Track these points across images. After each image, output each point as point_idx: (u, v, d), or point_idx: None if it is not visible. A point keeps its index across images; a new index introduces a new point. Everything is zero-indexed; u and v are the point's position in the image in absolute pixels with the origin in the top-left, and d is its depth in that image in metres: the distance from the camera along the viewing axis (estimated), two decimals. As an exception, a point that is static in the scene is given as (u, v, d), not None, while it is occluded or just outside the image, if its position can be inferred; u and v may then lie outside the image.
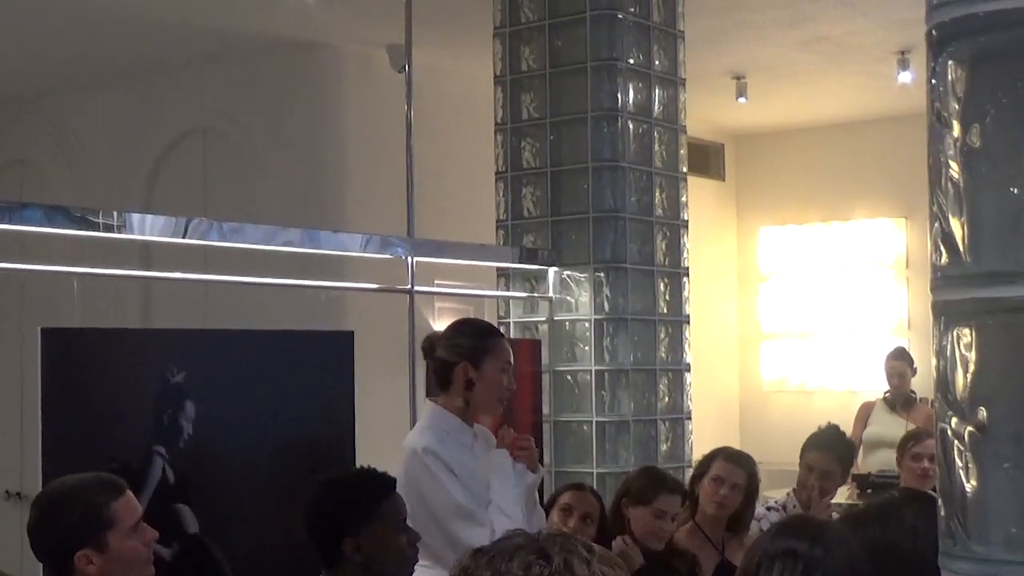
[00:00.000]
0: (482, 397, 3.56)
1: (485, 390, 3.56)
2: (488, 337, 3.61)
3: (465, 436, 3.58)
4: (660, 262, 5.49)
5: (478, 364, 3.54)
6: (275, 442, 3.97)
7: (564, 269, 5.37)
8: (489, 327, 3.73)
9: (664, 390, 5.45)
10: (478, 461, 3.58)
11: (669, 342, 5.49)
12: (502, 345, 3.60)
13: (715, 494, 4.19)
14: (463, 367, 3.53)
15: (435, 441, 3.50)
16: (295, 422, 4.04)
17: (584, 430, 5.26)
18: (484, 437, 3.69)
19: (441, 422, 3.56)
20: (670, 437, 5.43)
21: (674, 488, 4.02)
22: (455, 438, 3.54)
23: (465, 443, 3.57)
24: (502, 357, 3.58)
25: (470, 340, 3.57)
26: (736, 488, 4.21)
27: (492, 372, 3.55)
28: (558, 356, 5.35)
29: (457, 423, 3.57)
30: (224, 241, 4.20)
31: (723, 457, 4.30)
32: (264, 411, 3.96)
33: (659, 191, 5.50)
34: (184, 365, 3.74)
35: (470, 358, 3.54)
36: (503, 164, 5.55)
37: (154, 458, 3.66)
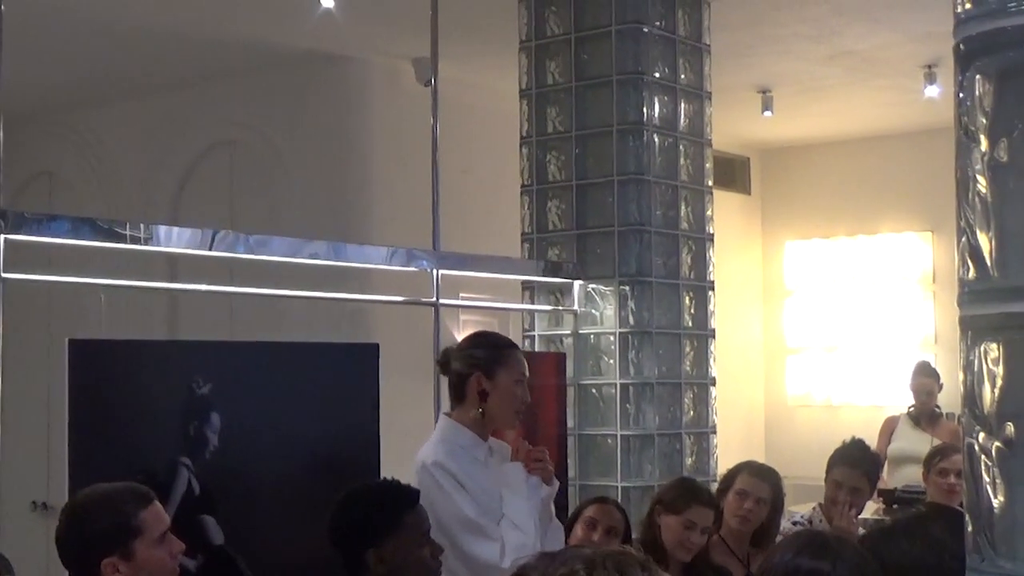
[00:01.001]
0: (497, 409, 3.55)
1: (499, 402, 3.55)
2: (502, 349, 3.60)
3: (479, 450, 3.56)
4: (685, 275, 5.48)
5: (492, 375, 3.54)
6: (300, 454, 3.98)
7: (589, 282, 5.37)
8: (504, 339, 3.72)
9: (689, 404, 5.44)
10: (492, 475, 3.55)
11: (694, 356, 5.48)
12: (516, 357, 3.60)
13: (739, 508, 4.19)
14: (476, 378, 3.53)
15: (445, 455, 3.49)
16: (320, 434, 4.05)
17: (609, 443, 5.26)
18: (500, 452, 3.67)
19: (453, 436, 3.55)
20: (695, 451, 5.42)
21: (707, 501, 4.00)
22: (468, 452, 3.53)
23: (478, 457, 3.55)
24: (516, 369, 3.57)
25: (484, 351, 3.57)
26: (761, 502, 4.21)
27: (506, 383, 3.55)
28: (583, 369, 5.35)
29: (470, 437, 3.55)
30: (250, 253, 4.22)
31: (748, 471, 4.31)
32: (289, 423, 3.97)
33: (684, 204, 5.50)
34: (210, 377, 3.76)
35: (484, 369, 3.54)
36: (528, 177, 5.56)
37: (180, 469, 3.68)
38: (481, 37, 6.29)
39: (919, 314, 9.17)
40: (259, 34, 6.55)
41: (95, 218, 3.83)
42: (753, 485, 4.24)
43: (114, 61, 6.97)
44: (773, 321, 9.81)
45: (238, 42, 6.65)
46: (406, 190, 6.51)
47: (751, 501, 4.20)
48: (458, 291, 5.96)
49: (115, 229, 3.81)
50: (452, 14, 5.26)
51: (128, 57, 6.89)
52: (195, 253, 4.11)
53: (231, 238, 4.17)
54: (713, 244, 5.62)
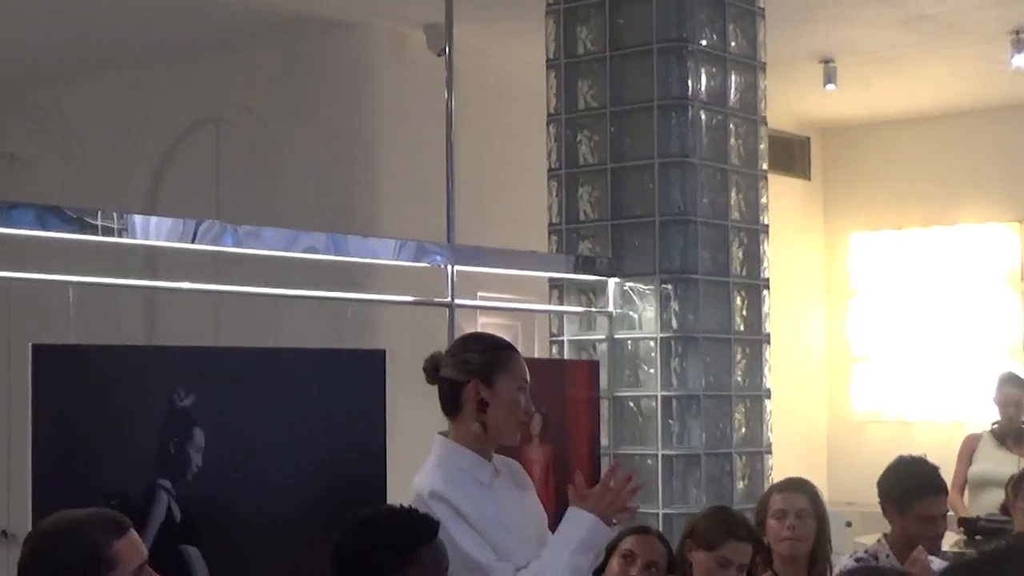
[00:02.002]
0: (499, 420, 3.53)
1: (501, 412, 3.53)
2: (500, 351, 3.59)
3: (482, 471, 3.54)
4: (736, 272, 5.47)
5: (491, 382, 3.52)
6: (297, 475, 3.98)
7: (626, 280, 5.36)
8: (500, 340, 3.70)
9: (740, 419, 5.43)
10: (500, 501, 3.54)
11: (746, 364, 5.47)
12: (517, 360, 3.59)
13: (782, 530, 4.21)
14: (474, 386, 3.52)
15: (444, 482, 3.47)
16: (319, 452, 4.05)
17: (648, 465, 5.25)
18: (510, 472, 3.66)
19: (452, 458, 3.54)
20: (747, 474, 5.41)
21: (745, 535, 3.98)
22: (469, 475, 3.51)
23: (482, 480, 3.53)
24: (518, 374, 3.56)
25: (480, 355, 3.56)
26: (802, 515, 4.25)
27: (507, 390, 3.53)
28: (619, 379, 5.34)
29: (471, 457, 3.54)
30: (239, 247, 4.23)
31: (778, 489, 4.38)
32: (284, 440, 3.97)
33: (735, 191, 5.49)
34: (193, 387, 3.76)
35: (481, 375, 3.53)
36: (556, 160, 5.55)
37: (158, 493, 3.68)
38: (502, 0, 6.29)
39: (1005, 316, 9.13)
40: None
41: (62, 206, 3.83)
42: (788, 500, 4.27)
43: (84, 30, 6.99)
44: (837, 324, 9.79)
45: (224, 6, 6.66)
46: (416, 175, 6.52)
47: (792, 517, 4.23)
48: (476, 290, 5.97)
49: (85, 219, 3.82)
50: (469, -27, 5.28)
51: (100, 26, 6.91)
52: (176, 246, 4.11)
53: (217, 229, 4.18)
54: (768, 236, 5.61)
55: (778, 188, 6.57)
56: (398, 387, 4.39)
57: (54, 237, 3.80)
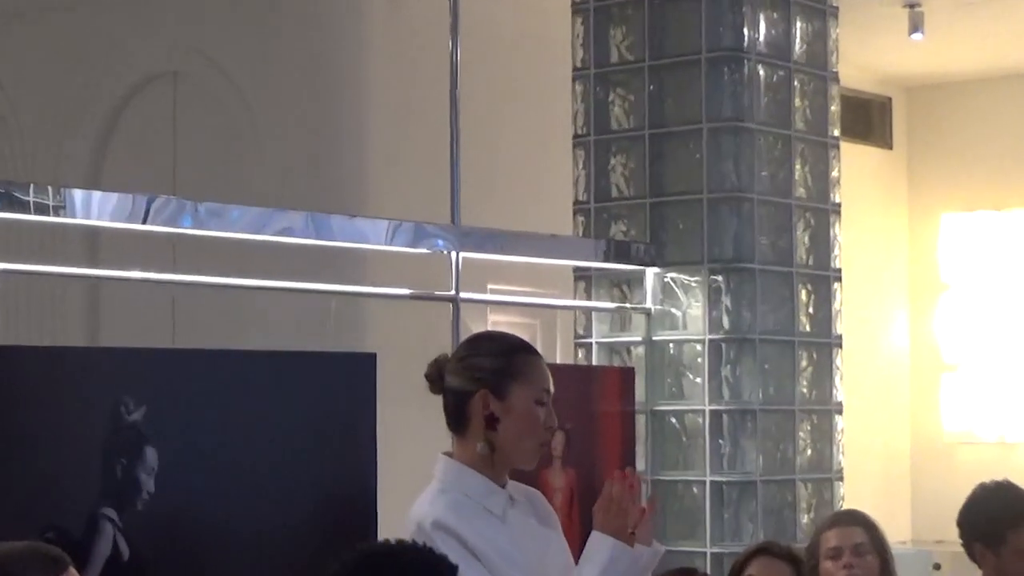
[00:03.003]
0: (510, 439, 3.50)
1: (514, 429, 3.49)
2: (516, 355, 3.57)
3: (493, 500, 3.53)
4: (802, 261, 5.48)
5: (502, 392, 3.49)
6: (271, 502, 3.98)
7: (668, 270, 5.37)
8: (518, 342, 3.67)
9: (806, 439, 5.44)
10: (514, 535, 3.53)
11: (813, 372, 5.48)
12: (537, 365, 3.55)
13: (838, 571, 4.23)
14: (482, 397, 3.49)
15: (448, 511, 3.45)
16: (298, 474, 4.06)
17: (694, 493, 5.26)
18: (530, 503, 3.65)
19: (457, 482, 3.53)
20: (814, 504, 5.41)
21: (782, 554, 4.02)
22: (478, 503, 3.50)
23: (493, 509, 3.52)
24: (537, 383, 3.53)
25: (490, 360, 3.53)
26: (861, 549, 4.27)
27: (522, 403, 3.50)
28: (659, 390, 5.35)
29: (480, 482, 3.52)
30: (200, 228, 4.24)
31: (828, 524, 4.40)
32: (255, 460, 3.98)
33: (801, 163, 5.49)
34: (144, 398, 3.76)
35: (491, 384, 3.50)
36: (584, 125, 5.55)
37: (102, 525, 3.69)
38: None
39: None
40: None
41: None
42: (841, 536, 4.29)
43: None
44: (923, 325, 9.78)
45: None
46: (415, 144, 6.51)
47: (849, 554, 4.25)
48: (486, 282, 5.97)
49: (15, 194, 3.82)
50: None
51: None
52: (124, 227, 4.12)
53: (173, 207, 4.18)
54: (840, 217, 5.61)
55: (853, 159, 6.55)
56: (391, 397, 4.39)
57: (-23, 216, 3.81)
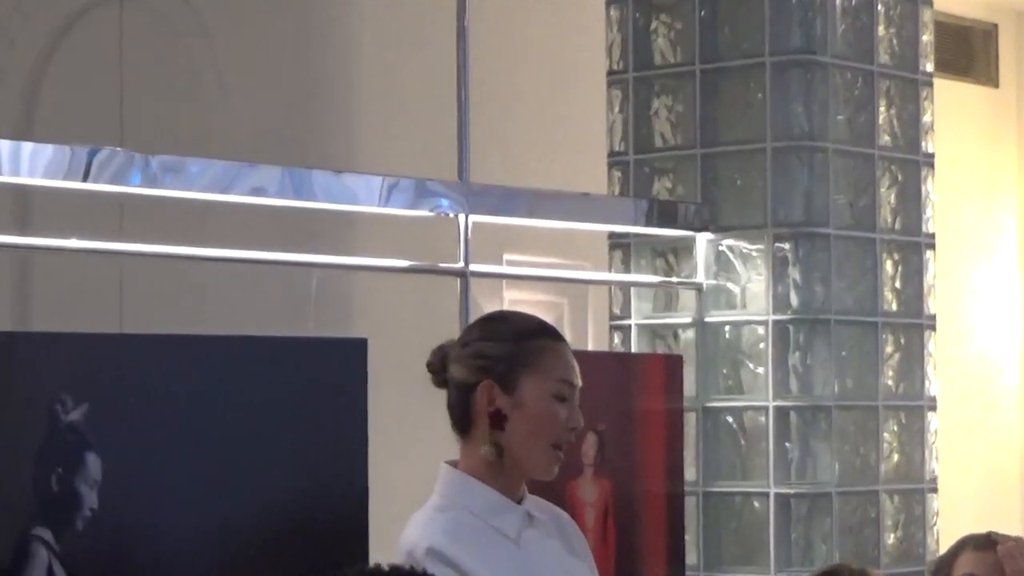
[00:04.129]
0: (521, 442, 3.50)
1: (524, 429, 3.49)
2: (531, 338, 3.56)
3: (506, 518, 3.53)
4: (886, 225, 5.49)
5: (511, 384, 3.50)
6: (239, 517, 4.01)
7: (723, 236, 5.39)
8: (535, 323, 3.67)
9: (892, 442, 5.46)
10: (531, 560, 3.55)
11: (901, 360, 5.50)
12: (556, 352, 3.53)
13: None
14: (486, 389, 3.51)
15: (444, 535, 3.45)
16: (273, 483, 4.08)
17: (756, 508, 5.28)
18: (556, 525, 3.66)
19: (461, 497, 3.54)
20: (901, 521, 5.43)
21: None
22: (485, 523, 3.51)
23: (505, 530, 3.54)
24: (554, 372, 3.51)
25: (498, 345, 3.54)
26: None
27: (536, 398, 3.49)
28: (712, 383, 5.37)
29: (489, 497, 3.53)
30: (152, 186, 4.25)
31: (971, 548, 4.31)
32: (220, 467, 4.00)
33: (885, 104, 5.51)
34: (85, 394, 3.78)
35: (497, 374, 3.52)
36: (620, 59, 5.57)
37: (34, 549, 3.70)
38: None
39: None
40: None
41: None
42: (983, 564, 4.24)
43: None
44: (1039, 303, 9.77)
45: None
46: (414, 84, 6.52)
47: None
48: (501, 252, 5.99)
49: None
50: None
51: None
52: (61, 186, 4.14)
53: (121, 161, 4.19)
54: (934, 171, 5.62)
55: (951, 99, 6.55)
56: (385, 390, 4.42)
57: None
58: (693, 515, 5.31)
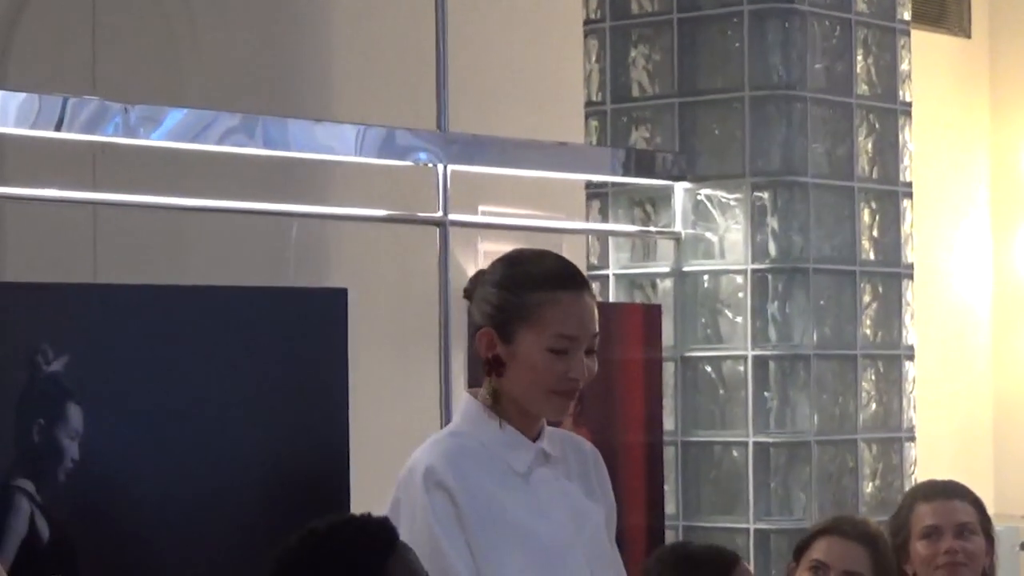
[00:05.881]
0: (519, 389, 3.51)
1: (519, 379, 3.50)
2: (535, 289, 3.54)
3: (518, 454, 3.54)
4: (864, 173, 5.51)
5: (508, 335, 3.50)
6: (220, 468, 4.01)
7: (700, 186, 5.39)
8: (545, 273, 3.64)
9: (870, 391, 5.47)
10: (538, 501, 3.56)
11: (879, 309, 5.51)
12: (561, 303, 3.53)
13: (935, 554, 4.26)
14: (484, 336, 3.51)
15: (446, 457, 3.46)
16: (254, 433, 4.09)
17: (735, 457, 5.30)
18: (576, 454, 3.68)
19: (477, 426, 3.55)
20: (880, 470, 5.45)
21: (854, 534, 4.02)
22: (496, 456, 3.53)
23: (515, 466, 3.54)
24: (552, 326, 3.50)
25: (501, 293, 3.53)
26: (968, 531, 4.29)
27: (530, 351, 3.48)
28: (691, 333, 5.38)
29: (505, 431, 3.54)
30: (128, 136, 4.25)
31: (924, 497, 4.39)
32: (201, 418, 4.00)
33: (863, 52, 5.51)
34: (65, 344, 3.78)
35: (497, 323, 3.52)
36: (597, 8, 5.57)
37: (16, 500, 3.71)
38: None
39: None
40: None
41: None
42: (941, 512, 4.30)
43: None
44: (1008, 252, 9.78)
45: None
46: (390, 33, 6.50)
47: (950, 536, 4.27)
48: (477, 202, 5.97)
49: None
50: None
51: None
52: (34, 134, 4.12)
53: (94, 109, 4.19)
54: (911, 120, 5.62)
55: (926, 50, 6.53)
56: (366, 340, 4.41)
57: None
58: (672, 464, 5.33)
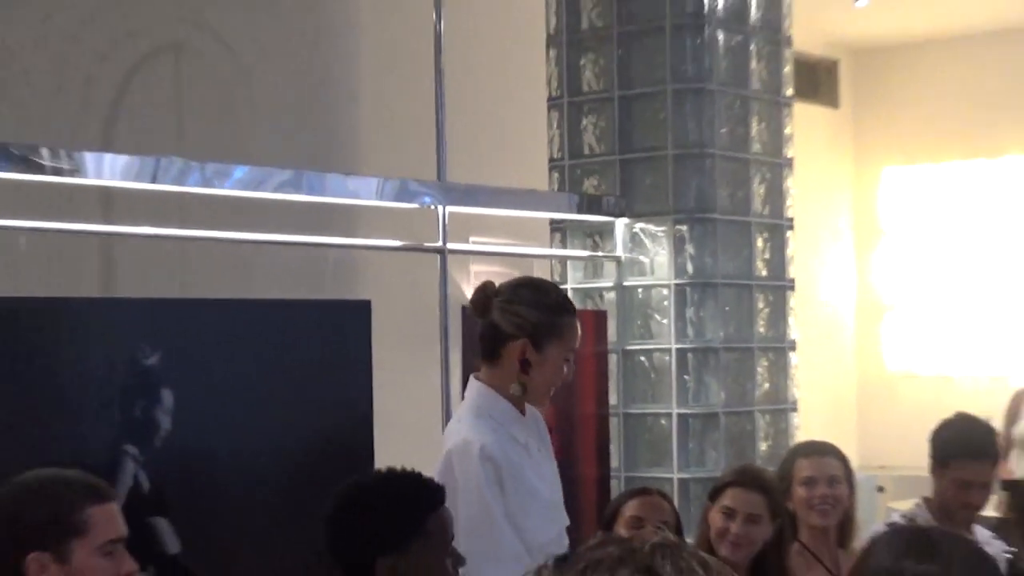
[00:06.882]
0: (538, 385, 3.56)
1: (543, 378, 3.55)
2: (562, 315, 3.59)
3: (519, 428, 3.58)
4: (758, 211, 5.49)
5: (541, 346, 3.53)
6: (275, 438, 4.01)
7: (636, 221, 5.38)
8: (563, 300, 3.68)
9: (763, 374, 5.47)
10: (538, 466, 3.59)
11: (770, 313, 5.50)
12: (574, 327, 3.59)
13: (812, 498, 4.25)
14: (522, 345, 3.52)
15: (492, 435, 3.49)
16: (300, 412, 4.08)
17: (662, 425, 5.29)
18: (537, 426, 3.70)
19: (489, 407, 3.56)
20: (771, 434, 5.45)
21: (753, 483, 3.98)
22: (507, 431, 3.54)
23: (519, 437, 3.57)
24: (571, 343, 3.58)
25: (537, 314, 3.55)
26: (835, 482, 4.29)
27: (555, 358, 3.55)
28: (629, 331, 5.36)
29: (508, 411, 3.56)
30: (205, 187, 4.24)
31: (804, 454, 4.39)
32: (261, 399, 4.00)
33: (757, 121, 5.50)
34: (159, 343, 3.78)
35: (533, 337, 3.53)
36: (557, 88, 5.55)
37: (123, 461, 3.70)
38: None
39: (1055, 259, 9.15)
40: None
41: (6, 143, 3.82)
42: (818, 466, 4.29)
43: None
44: (867, 270, 9.80)
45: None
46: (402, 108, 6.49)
47: (823, 485, 4.26)
48: (468, 234, 5.97)
49: (32, 157, 3.81)
50: None
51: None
52: (135, 187, 4.12)
53: (180, 167, 4.18)
54: (792, 171, 5.62)
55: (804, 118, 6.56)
56: (384, 341, 4.40)
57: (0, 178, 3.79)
58: (616, 430, 5.32)
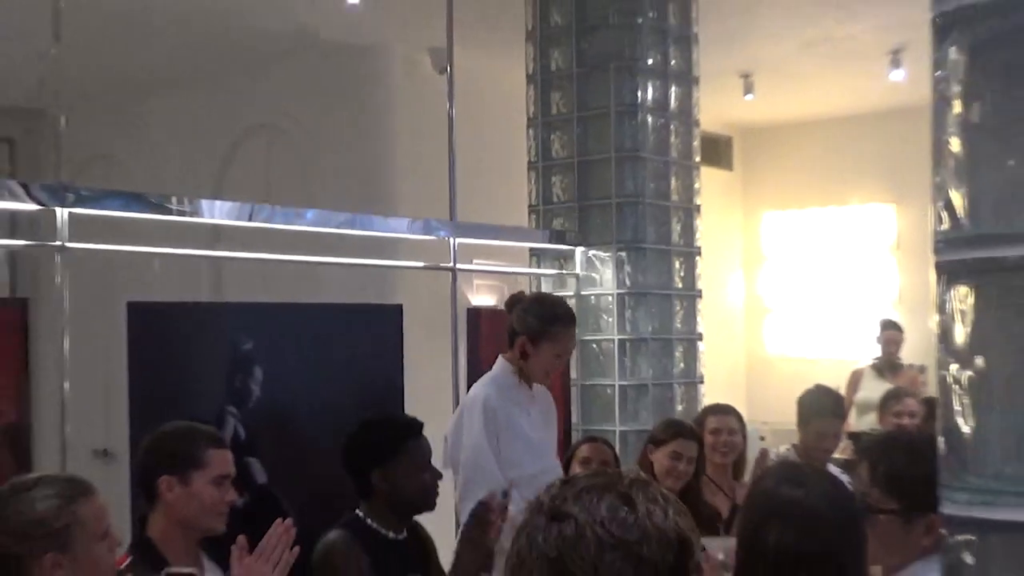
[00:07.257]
0: (532, 370, 3.63)
1: (535, 366, 3.62)
2: (553, 325, 3.61)
3: (521, 395, 3.61)
4: (675, 242, 5.47)
5: (536, 344, 3.58)
6: (332, 404, 3.98)
7: (590, 249, 5.36)
8: (561, 312, 3.69)
9: (679, 357, 5.44)
10: (532, 421, 3.60)
11: (684, 314, 5.48)
12: (564, 335, 3.61)
13: (717, 443, 4.28)
14: (522, 341, 3.58)
15: (498, 394, 3.54)
16: (349, 386, 4.06)
17: (608, 393, 5.27)
18: (543, 401, 3.72)
19: (502, 375, 3.63)
20: (685, 399, 5.43)
21: (690, 434, 4.04)
22: (512, 395, 3.58)
23: (520, 402, 3.59)
24: (560, 346, 3.61)
25: (536, 321, 3.59)
26: (735, 433, 4.33)
27: (546, 355, 3.60)
28: (585, 327, 5.34)
29: (514, 380, 3.62)
30: (285, 224, 4.23)
31: (712, 412, 4.44)
32: (322, 375, 3.98)
33: (675, 178, 5.48)
34: (252, 335, 3.78)
35: (530, 336, 3.56)
36: (535, 155, 5.53)
37: (227, 417, 3.70)
38: (491, 27, 6.27)
39: (884, 276, 9.16)
40: (292, 26, 6.53)
41: (146, 193, 3.82)
42: (721, 421, 4.35)
43: (164, 52, 6.95)
44: (753, 284, 9.81)
45: (274, 34, 6.63)
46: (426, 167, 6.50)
47: (724, 434, 4.30)
48: (472, 257, 5.96)
49: (164, 204, 3.81)
50: (465, 7, 5.24)
51: (177, 48, 6.87)
52: (236, 224, 4.11)
53: (268, 210, 4.18)
54: (700, 214, 5.60)
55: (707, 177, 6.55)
56: (412, 335, 4.39)
57: (141, 218, 3.78)
58: (576, 397, 5.31)
